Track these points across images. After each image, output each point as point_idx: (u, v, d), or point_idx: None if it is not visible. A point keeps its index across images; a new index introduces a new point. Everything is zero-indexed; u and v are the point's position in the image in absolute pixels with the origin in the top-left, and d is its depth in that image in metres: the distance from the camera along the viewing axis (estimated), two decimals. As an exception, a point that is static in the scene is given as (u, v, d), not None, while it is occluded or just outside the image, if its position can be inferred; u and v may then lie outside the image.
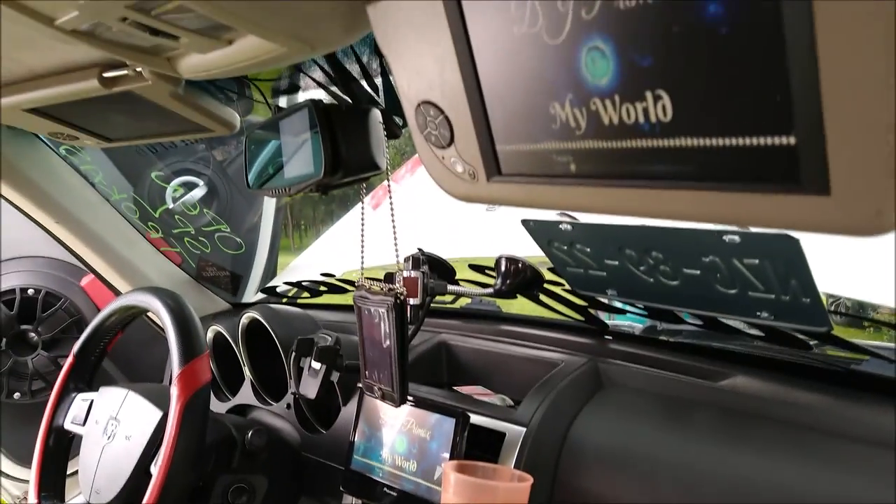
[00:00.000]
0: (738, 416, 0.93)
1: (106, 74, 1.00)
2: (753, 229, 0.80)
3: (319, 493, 1.34)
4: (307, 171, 0.86)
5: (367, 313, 0.99)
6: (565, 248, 1.06)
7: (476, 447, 1.01)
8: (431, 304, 1.21)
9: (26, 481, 1.98)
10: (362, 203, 1.03)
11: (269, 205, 2.00)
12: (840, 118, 0.33)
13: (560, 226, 1.01)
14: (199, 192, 1.91)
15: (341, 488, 1.14)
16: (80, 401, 1.38)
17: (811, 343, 0.96)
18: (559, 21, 0.45)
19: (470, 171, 0.61)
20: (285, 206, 2.06)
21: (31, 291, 1.84)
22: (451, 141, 0.61)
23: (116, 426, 1.25)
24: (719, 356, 1.07)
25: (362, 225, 1.02)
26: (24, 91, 1.09)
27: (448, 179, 0.65)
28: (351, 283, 1.65)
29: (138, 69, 0.97)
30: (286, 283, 1.80)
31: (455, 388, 1.21)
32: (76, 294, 1.90)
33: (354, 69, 1.06)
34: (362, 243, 1.03)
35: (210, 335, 1.62)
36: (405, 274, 1.09)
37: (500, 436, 1.01)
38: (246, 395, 1.54)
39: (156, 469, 1.09)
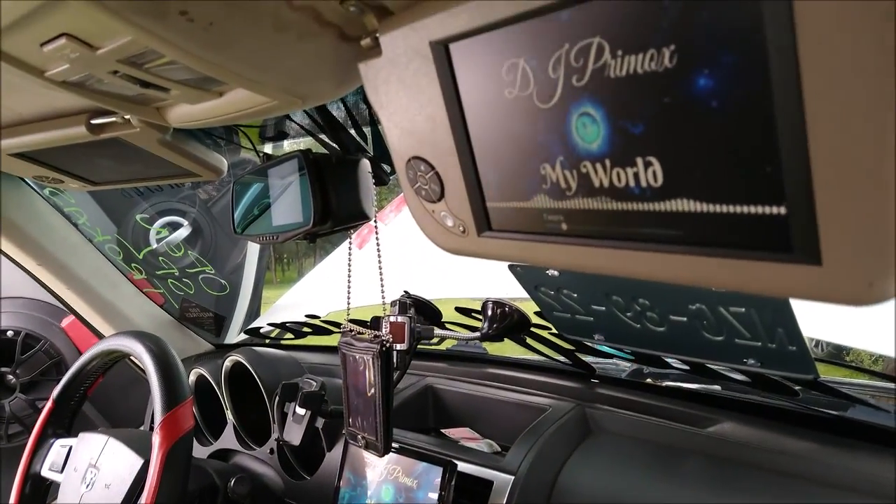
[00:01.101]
0: (726, 463, 0.93)
1: (94, 121, 1.00)
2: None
3: (302, 541, 1.32)
4: (296, 220, 0.86)
5: (351, 360, 0.99)
6: (552, 293, 1.06)
7: (464, 495, 1.00)
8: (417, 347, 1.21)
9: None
10: (349, 246, 1.03)
11: (254, 245, 2.00)
12: (829, 190, 0.34)
13: (547, 272, 1.02)
14: (183, 232, 1.90)
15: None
16: (58, 447, 1.36)
17: (797, 389, 0.97)
18: (550, 86, 0.45)
19: (460, 227, 0.62)
20: (270, 245, 2.05)
21: (10, 333, 1.81)
22: (442, 196, 0.62)
23: (96, 474, 1.22)
24: (707, 401, 1.07)
25: (349, 267, 1.02)
26: (10, 136, 1.09)
27: (439, 233, 0.65)
28: (336, 324, 1.64)
29: (127, 116, 0.97)
30: (270, 325, 1.78)
31: (442, 430, 1.20)
32: (56, 335, 1.87)
33: (342, 115, 1.07)
34: (349, 286, 1.02)
35: (192, 378, 1.60)
36: (392, 319, 1.08)
37: (487, 484, 1.00)
38: (228, 439, 1.52)
39: (136, 519, 1.06)
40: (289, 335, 1.79)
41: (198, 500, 1.23)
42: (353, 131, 1.01)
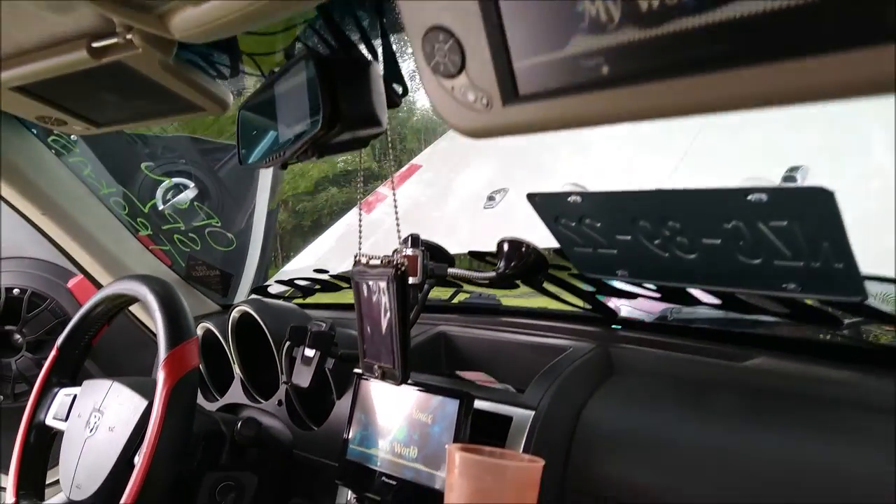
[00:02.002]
0: (762, 395, 0.87)
1: (95, 44, 0.96)
2: (783, 184, 0.75)
3: (311, 491, 1.27)
4: (303, 129, 0.81)
5: (365, 288, 0.94)
6: (573, 224, 1.00)
7: (481, 432, 0.95)
8: (428, 298, 1.16)
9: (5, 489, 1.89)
10: (360, 175, 0.98)
11: (262, 204, 1.95)
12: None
13: (569, 199, 0.96)
14: (189, 194, 1.86)
15: (336, 480, 1.07)
16: (62, 396, 1.32)
17: (842, 319, 0.91)
18: None
19: (483, 99, 0.56)
20: (277, 209, 2.00)
21: (16, 291, 1.77)
22: (463, 66, 0.56)
23: (100, 418, 1.18)
24: (740, 340, 1.02)
25: (360, 203, 0.97)
26: (11, 67, 1.05)
27: (458, 113, 0.60)
28: (346, 279, 1.59)
29: (128, 36, 0.93)
30: (278, 282, 1.73)
31: (457, 372, 1.15)
32: (62, 295, 1.83)
33: (356, 37, 1.02)
34: (360, 222, 0.97)
35: (199, 332, 1.56)
36: (405, 252, 1.03)
37: (506, 421, 0.95)
38: (236, 394, 1.47)
39: (139, 459, 1.02)
40: (298, 296, 1.74)
41: (203, 445, 1.18)
42: (363, 47, 0.96)
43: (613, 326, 1.16)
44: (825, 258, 0.79)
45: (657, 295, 1.07)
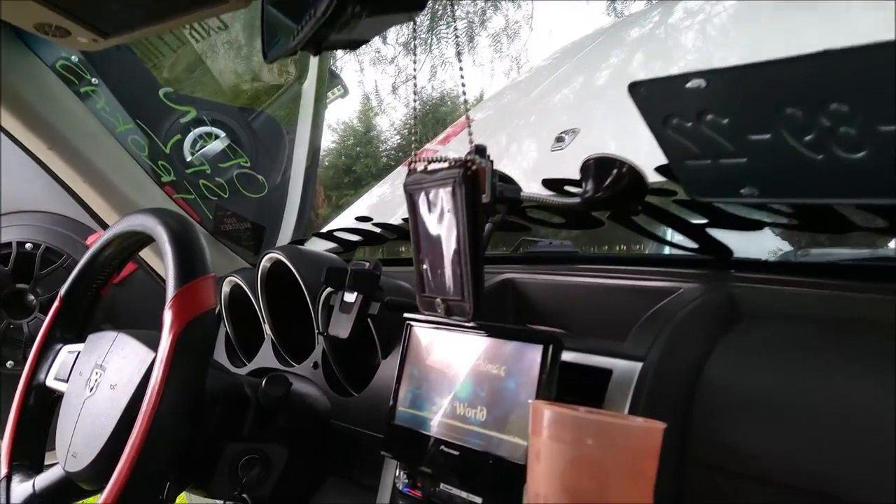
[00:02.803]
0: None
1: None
2: None
3: (351, 470, 1.07)
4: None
5: (423, 202, 0.73)
6: (689, 124, 0.77)
7: (568, 392, 0.73)
8: (487, 253, 0.95)
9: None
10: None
11: (300, 157, 1.76)
12: None
13: (687, 84, 0.73)
14: (219, 145, 1.66)
15: (382, 451, 0.86)
16: (66, 353, 1.14)
17: None
18: None
19: None
20: (317, 162, 1.80)
21: (28, 246, 1.60)
22: None
23: (101, 375, 0.99)
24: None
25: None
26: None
27: None
28: (392, 227, 1.39)
29: None
30: (316, 235, 1.53)
31: (531, 326, 0.93)
32: (80, 253, 1.65)
33: None
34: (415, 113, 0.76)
35: (226, 288, 1.37)
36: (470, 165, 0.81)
37: (603, 375, 0.73)
38: (266, 357, 1.28)
39: (140, 419, 0.82)
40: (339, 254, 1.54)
41: (222, 409, 0.99)
42: None
43: (730, 270, 0.92)
44: None
45: (794, 222, 0.83)
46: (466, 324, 0.78)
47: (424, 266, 0.76)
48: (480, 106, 2.62)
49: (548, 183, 1.02)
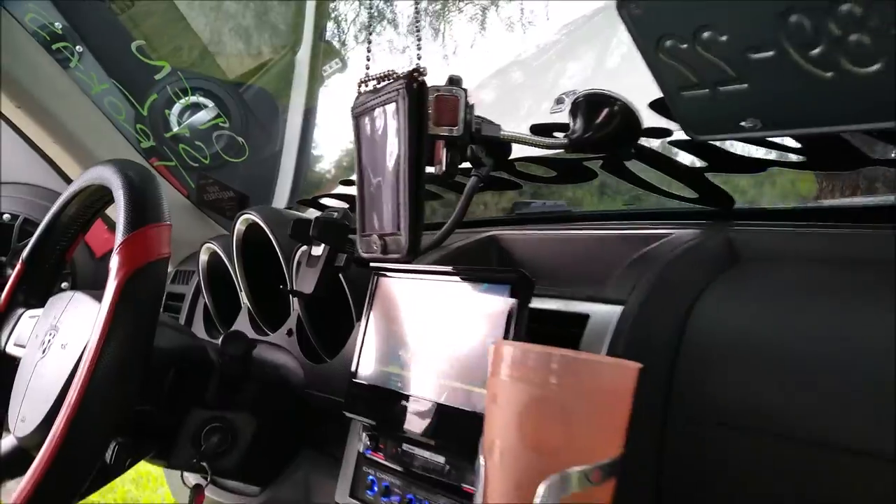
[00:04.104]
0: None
1: None
2: None
3: (326, 441, 1.00)
4: None
5: (367, 125, 0.66)
6: (685, 45, 0.69)
7: (543, 340, 0.65)
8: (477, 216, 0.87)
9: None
10: None
11: (294, 126, 1.70)
12: None
13: (682, -3, 0.65)
14: (206, 115, 1.60)
15: (343, 411, 0.78)
16: (27, 318, 1.08)
17: None
18: None
19: None
20: (309, 126, 1.74)
21: (6, 217, 1.55)
22: None
23: (54, 336, 0.93)
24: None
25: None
26: None
27: None
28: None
29: None
30: (301, 202, 1.46)
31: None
32: (61, 224, 1.61)
33: None
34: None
35: (204, 256, 1.31)
36: (439, 92, 0.74)
37: (580, 321, 0.65)
38: (242, 326, 1.21)
39: (79, 375, 0.75)
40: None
41: (179, 369, 0.91)
42: None
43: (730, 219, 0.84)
44: None
45: (802, 158, 0.75)
46: (432, 268, 0.71)
47: (366, 197, 0.68)
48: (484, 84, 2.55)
49: (536, 129, 0.94)
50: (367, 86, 0.69)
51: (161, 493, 3.58)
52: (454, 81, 0.76)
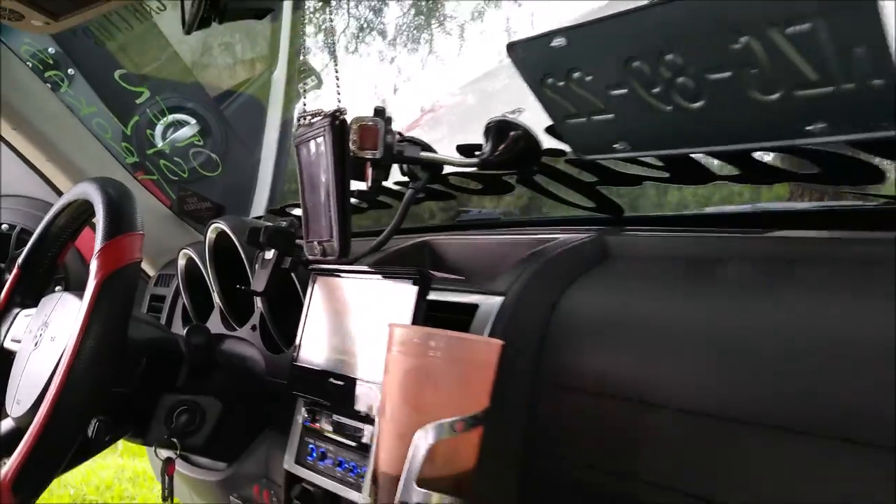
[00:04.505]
0: (781, 261, 0.69)
1: None
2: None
3: (285, 421, 1.14)
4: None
5: (305, 151, 0.80)
6: (562, 83, 0.84)
7: (443, 324, 0.79)
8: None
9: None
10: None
11: (271, 142, 1.85)
12: None
13: (552, 43, 0.80)
14: (188, 131, 1.75)
15: (288, 390, 0.93)
16: (22, 317, 1.22)
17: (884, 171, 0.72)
18: None
19: None
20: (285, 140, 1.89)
21: (4, 227, 1.70)
22: None
23: (45, 331, 1.07)
24: (765, 219, 0.84)
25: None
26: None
27: None
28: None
29: None
30: (270, 212, 1.61)
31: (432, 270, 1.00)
32: (55, 234, 1.75)
33: None
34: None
35: (182, 262, 1.45)
36: (363, 123, 0.88)
37: (471, 308, 0.79)
38: (214, 323, 1.35)
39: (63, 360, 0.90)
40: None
41: (151, 358, 1.06)
42: None
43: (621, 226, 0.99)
44: (860, 72, 0.60)
45: (665, 174, 0.90)
46: (354, 268, 0.85)
47: (308, 208, 0.83)
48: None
49: (460, 148, 1.09)
50: (305, 120, 0.83)
51: (156, 492, 3.71)
52: (378, 112, 0.91)
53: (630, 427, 0.68)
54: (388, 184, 1.18)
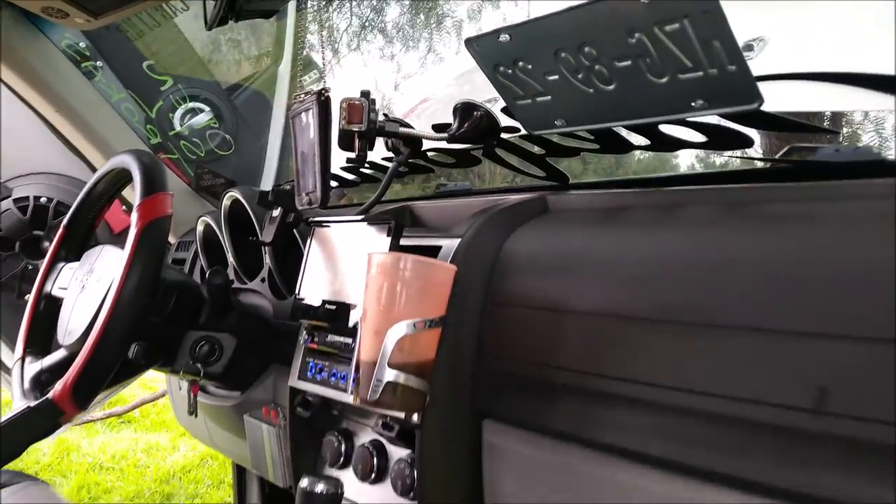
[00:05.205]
0: (674, 206, 0.90)
1: None
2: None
3: (289, 357, 1.35)
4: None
5: (298, 123, 1.01)
6: (510, 71, 1.05)
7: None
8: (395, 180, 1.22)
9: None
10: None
11: (277, 125, 2.06)
12: None
13: (499, 38, 1.01)
14: (203, 117, 1.96)
15: (294, 319, 1.14)
16: (67, 269, 1.44)
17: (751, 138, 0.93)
18: None
19: None
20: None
21: (43, 200, 1.92)
22: None
23: (89, 276, 1.29)
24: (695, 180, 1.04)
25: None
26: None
27: None
28: (335, 176, 1.67)
29: None
30: (275, 187, 1.83)
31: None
32: (86, 206, 1.98)
33: None
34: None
35: (200, 227, 1.66)
36: (350, 100, 1.09)
37: (436, 249, 1.01)
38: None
39: (111, 292, 1.11)
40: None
41: (177, 297, 1.27)
42: None
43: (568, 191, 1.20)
44: (720, 61, 0.81)
45: (596, 146, 1.11)
46: (344, 218, 1.06)
47: (300, 171, 1.04)
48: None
49: (435, 126, 1.30)
50: (299, 98, 1.04)
51: (170, 462, 3.96)
52: (364, 94, 1.12)
53: (554, 330, 0.88)
54: (376, 158, 1.40)
